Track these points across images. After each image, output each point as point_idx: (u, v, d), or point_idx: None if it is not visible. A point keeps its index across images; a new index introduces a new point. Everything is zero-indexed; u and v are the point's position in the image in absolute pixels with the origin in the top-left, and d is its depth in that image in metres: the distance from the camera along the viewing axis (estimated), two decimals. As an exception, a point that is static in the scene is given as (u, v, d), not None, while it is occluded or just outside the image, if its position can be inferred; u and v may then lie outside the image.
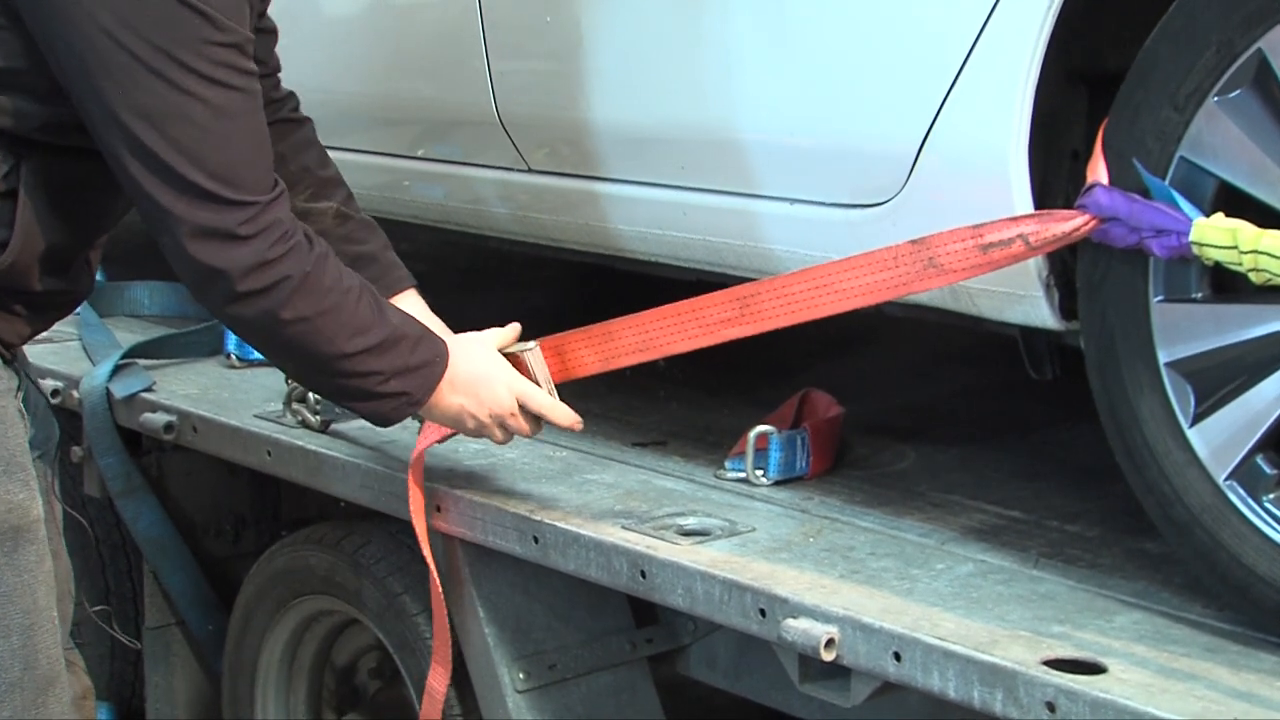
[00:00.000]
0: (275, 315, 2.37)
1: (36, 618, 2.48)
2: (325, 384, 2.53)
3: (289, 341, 2.41)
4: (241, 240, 2.31)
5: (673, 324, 2.60)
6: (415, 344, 2.51)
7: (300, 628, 3.43)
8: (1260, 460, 2.17)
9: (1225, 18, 2.09)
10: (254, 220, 2.31)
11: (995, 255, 2.27)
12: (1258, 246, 2.07)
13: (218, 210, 2.29)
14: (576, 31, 2.89)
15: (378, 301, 2.49)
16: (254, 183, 2.33)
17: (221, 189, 2.29)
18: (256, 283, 2.33)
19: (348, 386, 2.48)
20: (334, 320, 2.40)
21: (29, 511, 2.46)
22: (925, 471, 2.93)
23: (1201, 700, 2.06)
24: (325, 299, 2.39)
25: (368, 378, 2.46)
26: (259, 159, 2.36)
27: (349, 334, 2.42)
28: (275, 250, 2.33)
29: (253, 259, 2.32)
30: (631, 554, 2.57)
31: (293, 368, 2.55)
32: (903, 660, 2.25)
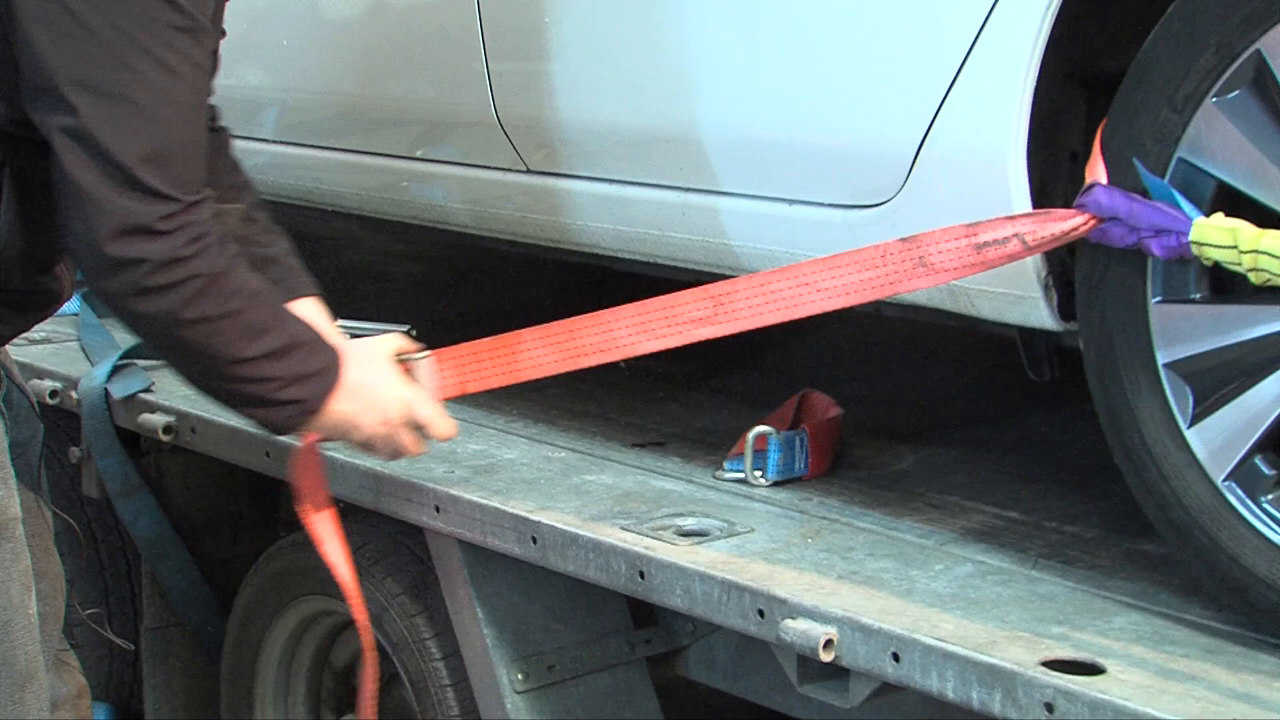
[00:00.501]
0: (177, 314, 2.31)
1: (13, 614, 2.47)
2: (220, 389, 2.45)
3: (187, 342, 2.35)
4: (158, 235, 2.25)
5: (639, 322, 2.55)
6: (311, 350, 2.45)
7: (299, 628, 3.43)
8: (1259, 461, 2.17)
9: (1224, 19, 2.09)
10: (175, 217, 2.26)
11: (990, 255, 2.27)
12: (1258, 246, 2.07)
13: (141, 200, 2.24)
14: (575, 32, 2.89)
15: (279, 307, 2.44)
16: (183, 179, 2.28)
17: (149, 177, 2.24)
18: (164, 278, 2.27)
19: (243, 392, 2.42)
20: (235, 324, 2.35)
21: (6, 509, 2.46)
22: (924, 472, 2.93)
23: (1200, 701, 2.06)
24: (229, 302, 2.34)
25: (263, 384, 2.40)
26: (193, 156, 2.31)
27: (248, 338, 2.36)
28: (189, 249, 2.28)
29: (166, 255, 2.26)
30: (630, 555, 2.57)
31: (188, 370, 2.45)
32: (901, 661, 2.25)
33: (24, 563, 2.51)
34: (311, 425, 2.50)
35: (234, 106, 2.85)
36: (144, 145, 2.24)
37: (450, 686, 3.06)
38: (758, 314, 2.45)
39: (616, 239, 2.97)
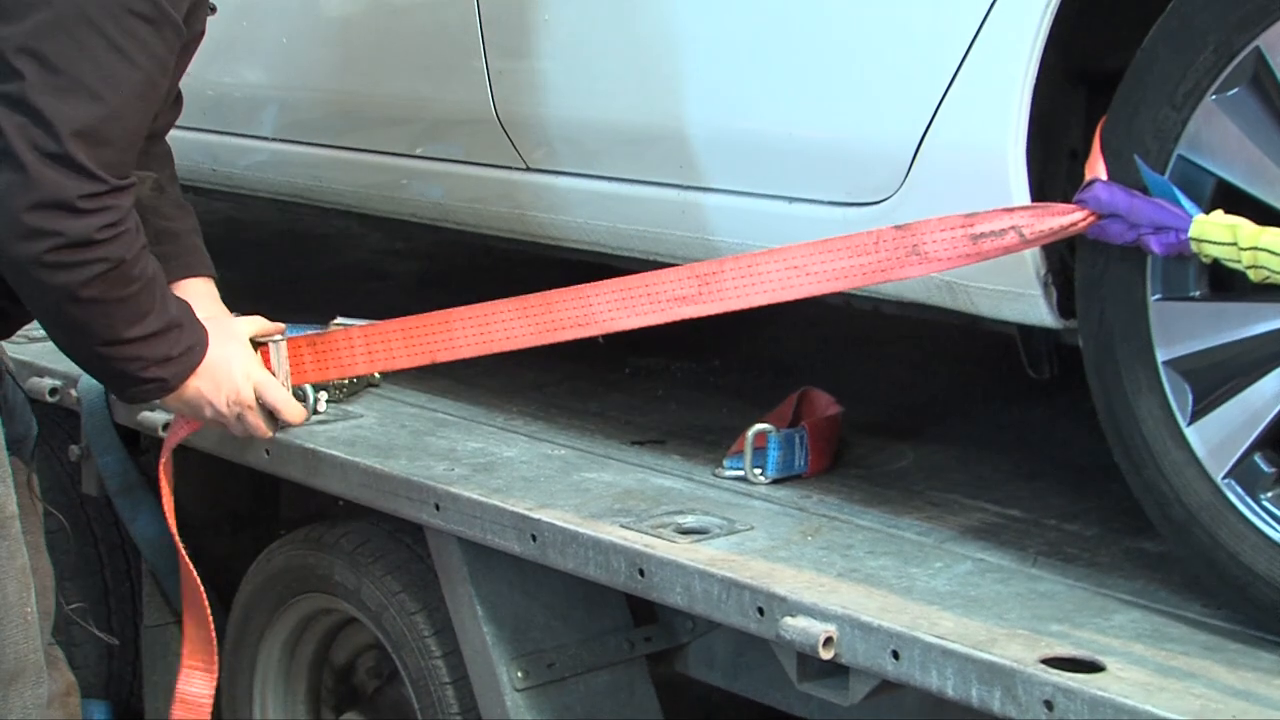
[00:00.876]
0: (73, 291, 2.33)
1: (6, 613, 2.48)
2: (89, 360, 2.49)
3: (73, 317, 2.38)
4: (77, 213, 2.27)
5: (619, 298, 2.53)
6: (181, 334, 2.49)
7: (299, 626, 3.43)
8: (1258, 459, 2.17)
9: (1223, 17, 2.09)
10: (98, 198, 2.28)
11: (986, 246, 2.26)
12: (1257, 243, 2.07)
13: (67, 176, 2.26)
14: (575, 31, 2.89)
15: (164, 290, 2.46)
16: (114, 162, 2.30)
17: (81, 154, 2.25)
18: (73, 256, 2.30)
19: (109, 368, 2.46)
20: (124, 308, 2.38)
21: (4, 507, 2.46)
22: (924, 470, 2.93)
23: (1199, 698, 2.06)
24: (126, 288, 2.36)
25: (131, 362, 2.44)
26: (128, 145, 2.33)
27: (131, 322, 2.40)
28: (104, 233, 2.30)
29: (79, 234, 2.28)
30: (630, 552, 2.57)
31: (63, 339, 2.47)
32: (901, 658, 2.25)
33: (20, 560, 2.51)
34: (165, 401, 2.56)
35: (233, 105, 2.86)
36: (81, 122, 2.25)
37: (450, 684, 3.06)
38: (744, 295, 2.42)
39: (616, 237, 2.97)
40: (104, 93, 2.26)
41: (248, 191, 3.75)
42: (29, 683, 2.53)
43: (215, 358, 2.54)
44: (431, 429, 3.19)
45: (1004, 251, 2.27)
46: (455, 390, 3.44)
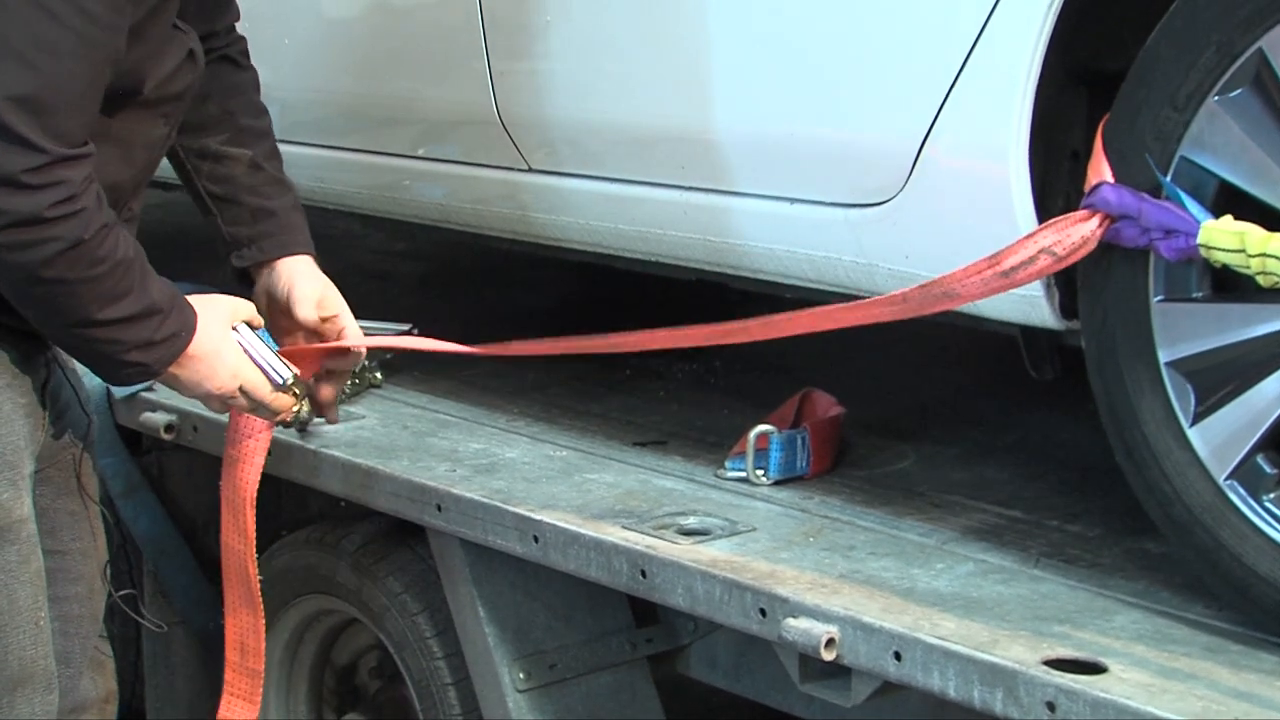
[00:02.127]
0: (33, 272, 2.25)
1: (13, 618, 2.46)
2: (66, 342, 2.44)
3: (40, 296, 2.31)
4: (22, 189, 2.18)
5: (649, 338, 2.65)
6: (165, 319, 2.41)
7: (300, 627, 3.43)
8: (1261, 460, 2.17)
9: (1225, 17, 2.09)
10: (41, 171, 2.18)
11: (1020, 276, 2.24)
12: (1265, 250, 2.06)
13: (6, 149, 2.16)
14: (576, 31, 2.89)
15: (144, 274, 2.38)
16: (58, 131, 2.20)
17: (18, 124, 2.16)
18: (23, 235, 2.21)
19: (88, 350, 2.40)
20: (93, 289, 2.30)
21: (11, 511, 2.44)
22: (925, 471, 2.93)
23: (1202, 700, 2.06)
24: (91, 269, 2.28)
25: (110, 345, 2.37)
26: (73, 109, 2.22)
27: (103, 303, 2.32)
28: (55, 210, 2.21)
29: (28, 211, 2.19)
30: (632, 553, 2.57)
31: (36, 318, 2.40)
32: (903, 660, 2.25)
33: (35, 564, 2.49)
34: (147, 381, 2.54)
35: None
36: (15, 89, 2.16)
37: (452, 685, 3.06)
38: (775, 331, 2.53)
39: (618, 238, 2.97)
40: (36, 59, 2.17)
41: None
42: (38, 688, 2.52)
43: (202, 346, 2.47)
44: (433, 430, 3.19)
45: (1040, 275, 2.24)
46: (457, 391, 3.44)
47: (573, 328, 2.83)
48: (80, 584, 2.69)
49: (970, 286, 2.27)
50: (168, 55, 2.43)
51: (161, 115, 2.48)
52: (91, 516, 2.71)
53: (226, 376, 2.53)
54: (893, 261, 2.53)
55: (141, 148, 2.45)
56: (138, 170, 2.48)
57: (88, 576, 2.70)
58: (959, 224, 2.43)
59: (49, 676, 2.54)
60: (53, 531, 2.61)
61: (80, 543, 2.68)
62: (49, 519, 2.60)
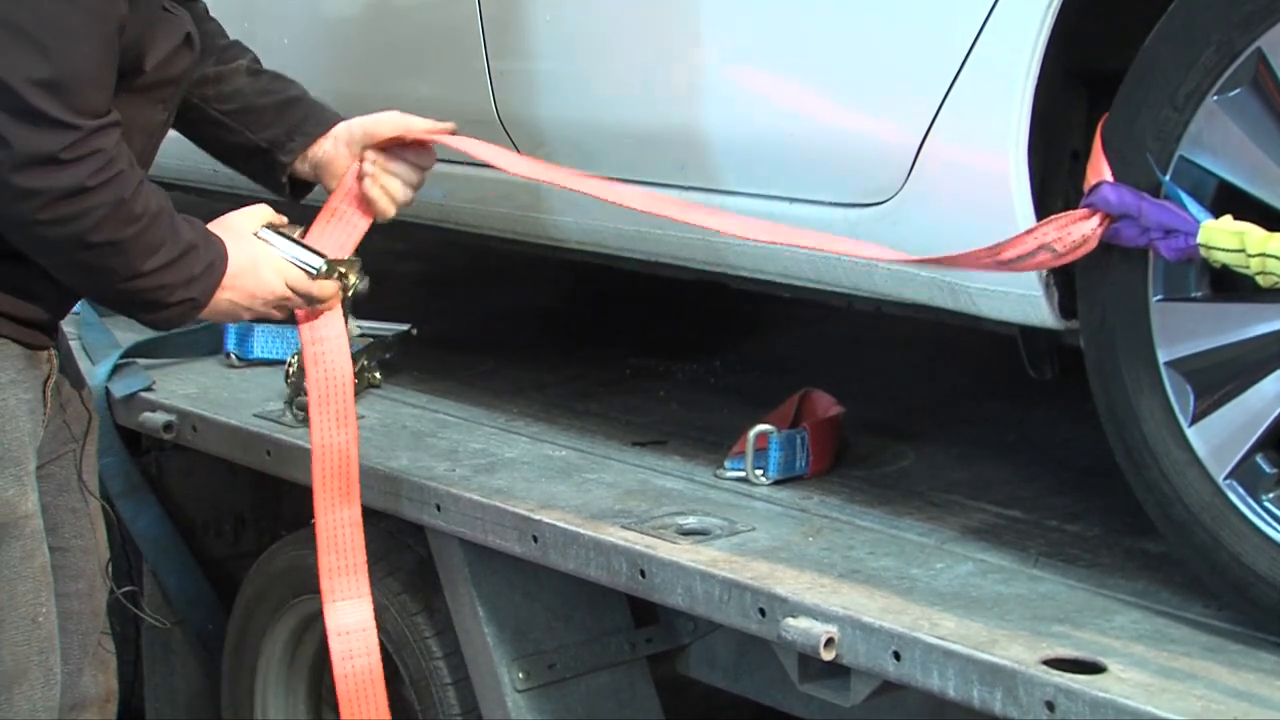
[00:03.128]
0: (84, 238, 2.32)
1: (9, 614, 2.46)
2: (115, 298, 2.48)
3: (89, 262, 2.37)
4: (62, 165, 2.26)
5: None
6: (199, 252, 2.46)
7: (300, 627, 3.43)
8: (1260, 459, 2.17)
9: (1224, 17, 2.09)
10: (77, 144, 2.26)
11: (1017, 267, 2.25)
12: (1265, 249, 2.06)
13: (40, 130, 2.24)
14: (575, 31, 2.89)
15: (174, 218, 2.44)
16: (84, 105, 2.27)
17: (46, 105, 2.23)
18: (70, 209, 2.28)
19: (139, 299, 2.44)
20: (137, 243, 2.36)
21: (16, 508, 2.45)
22: (925, 471, 2.93)
23: (1201, 700, 2.06)
24: (133, 226, 2.35)
25: (158, 290, 2.42)
26: (94, 82, 2.29)
27: (146, 255, 2.38)
28: (95, 179, 2.28)
29: (71, 184, 2.27)
30: (631, 553, 2.57)
31: (85, 285, 2.49)
32: (902, 659, 2.25)
33: (39, 561, 2.50)
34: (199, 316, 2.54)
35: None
36: (35, 73, 2.22)
37: (451, 685, 3.06)
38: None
39: (618, 238, 2.97)
40: (49, 40, 2.23)
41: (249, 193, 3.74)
42: (36, 684, 2.52)
43: (239, 264, 2.52)
44: (433, 430, 3.19)
45: (1037, 268, 2.26)
46: (457, 391, 3.44)
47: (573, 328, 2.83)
48: (81, 581, 2.69)
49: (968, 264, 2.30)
50: (163, 36, 2.47)
51: (160, 100, 2.52)
52: (92, 513, 2.72)
53: (273, 281, 2.57)
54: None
55: (140, 133, 2.47)
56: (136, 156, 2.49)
57: (89, 573, 2.71)
58: (958, 224, 2.43)
59: (48, 673, 2.53)
60: (54, 528, 2.61)
61: (81, 539, 2.68)
62: (50, 516, 2.60)
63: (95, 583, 2.72)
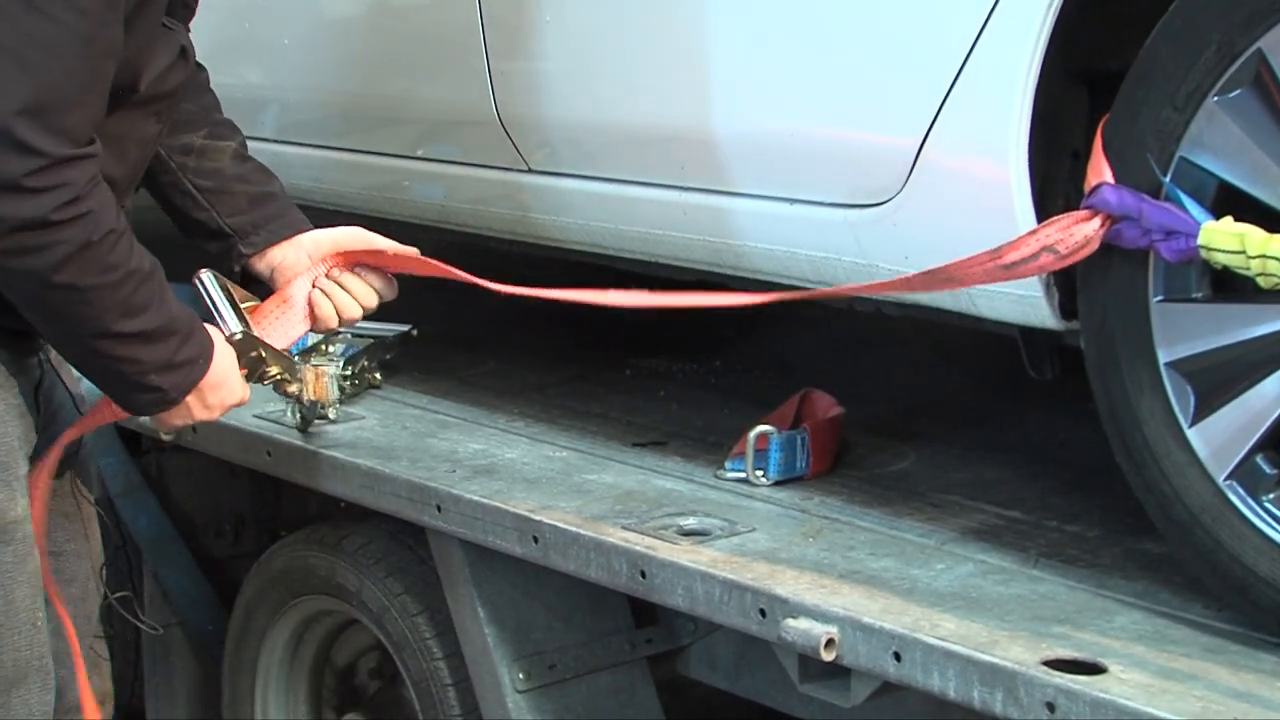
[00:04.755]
0: (45, 277, 2.21)
1: (10, 619, 2.46)
2: (85, 361, 2.39)
3: (52, 304, 2.26)
4: (24, 193, 2.14)
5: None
6: (184, 341, 2.37)
7: (300, 628, 3.43)
8: (1260, 460, 2.17)
9: (1225, 17, 2.09)
10: (43, 174, 2.14)
11: (1020, 271, 2.25)
12: (1265, 251, 2.06)
13: (4, 155, 2.12)
14: (576, 31, 2.89)
15: (162, 290, 2.34)
16: (57, 129, 2.16)
17: (17, 126, 2.12)
18: (29, 240, 2.17)
19: (107, 369, 2.36)
20: (108, 297, 2.25)
21: (7, 512, 2.43)
22: (925, 472, 2.93)
23: (1201, 700, 2.06)
24: (104, 275, 2.24)
25: (128, 364, 2.33)
26: (73, 108, 2.19)
27: (119, 314, 2.27)
28: (60, 213, 2.17)
29: (31, 215, 2.15)
30: (631, 554, 2.57)
31: (54, 335, 2.38)
32: (903, 660, 2.24)
33: (32, 564, 2.49)
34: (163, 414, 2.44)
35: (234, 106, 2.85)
36: (13, 95, 2.13)
37: (452, 686, 3.06)
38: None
39: (618, 238, 2.97)
40: (30, 57, 2.14)
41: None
42: (34, 688, 2.52)
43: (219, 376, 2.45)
44: (433, 431, 3.19)
45: (1040, 271, 2.25)
46: (457, 392, 3.44)
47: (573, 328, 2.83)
48: (75, 585, 2.68)
49: (972, 275, 2.29)
50: (160, 52, 2.41)
51: (154, 113, 2.47)
52: (85, 518, 2.71)
53: (232, 402, 2.51)
54: (893, 262, 2.53)
55: (134, 145, 2.44)
56: (130, 167, 2.47)
57: (82, 577, 2.70)
58: (959, 224, 2.43)
59: (46, 677, 2.53)
60: (47, 533, 2.61)
61: (75, 544, 2.68)
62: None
63: (89, 587, 2.72)
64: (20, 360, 2.48)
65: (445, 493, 2.85)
